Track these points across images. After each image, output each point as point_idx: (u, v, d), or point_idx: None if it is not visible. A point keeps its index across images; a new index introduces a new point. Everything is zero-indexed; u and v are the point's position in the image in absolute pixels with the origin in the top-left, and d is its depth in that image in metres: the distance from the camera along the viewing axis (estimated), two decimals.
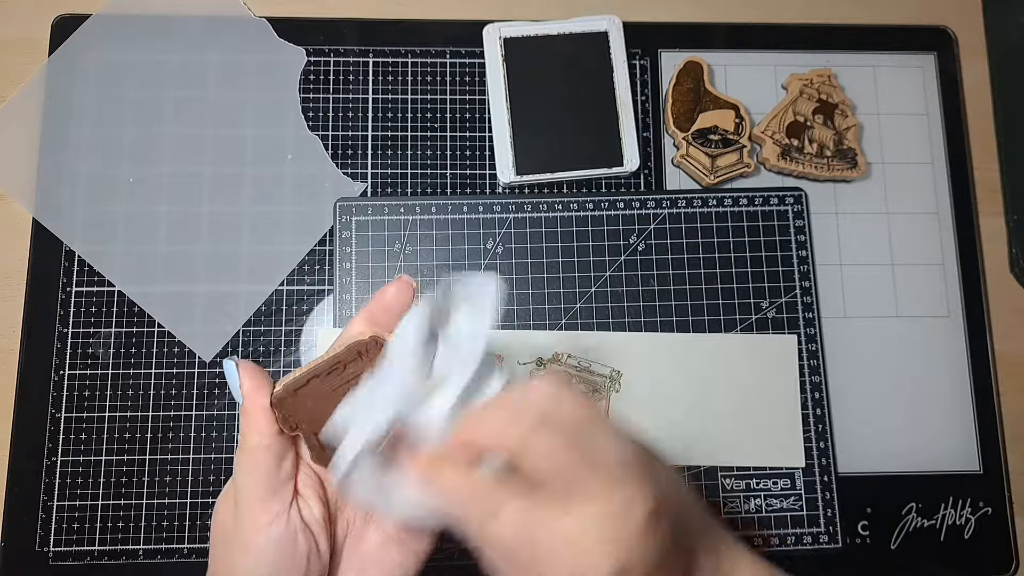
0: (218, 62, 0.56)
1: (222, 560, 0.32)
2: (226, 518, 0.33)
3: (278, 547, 0.31)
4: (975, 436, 0.54)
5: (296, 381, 0.32)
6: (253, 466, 0.32)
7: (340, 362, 0.33)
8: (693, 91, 0.57)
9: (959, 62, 0.60)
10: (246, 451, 0.32)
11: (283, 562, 0.31)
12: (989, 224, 0.58)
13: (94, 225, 0.53)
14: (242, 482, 0.32)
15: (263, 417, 0.32)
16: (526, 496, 0.28)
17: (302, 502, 0.33)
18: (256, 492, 0.31)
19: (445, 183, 0.56)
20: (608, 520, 0.27)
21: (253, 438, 0.31)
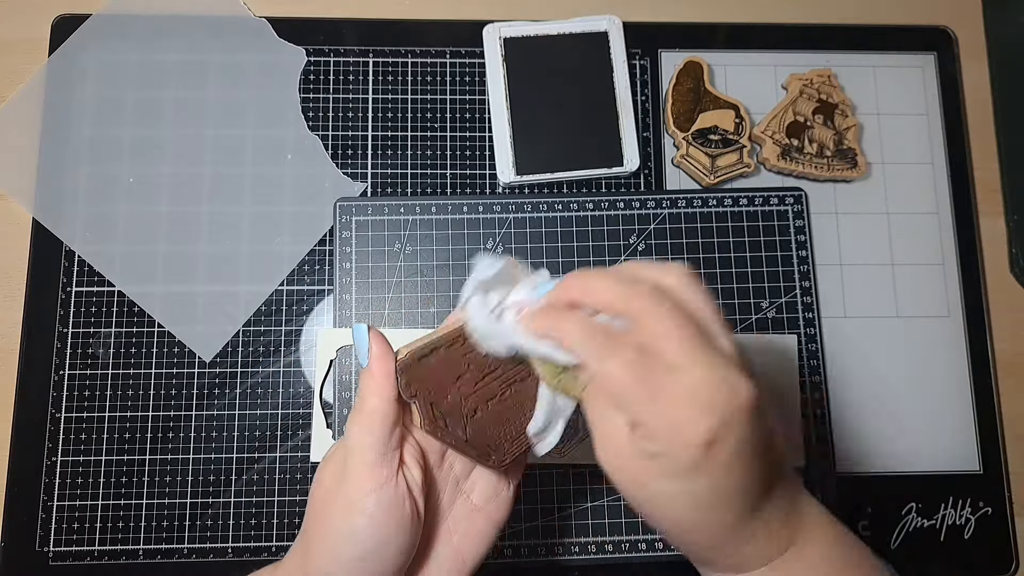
0: (218, 62, 0.56)
1: (323, 522, 0.33)
2: (331, 481, 0.33)
3: (386, 510, 0.32)
4: (975, 436, 0.54)
5: (420, 350, 0.33)
6: (369, 429, 0.32)
7: (460, 336, 0.33)
8: (693, 91, 0.57)
9: (959, 62, 0.60)
10: (364, 413, 0.32)
11: (389, 525, 0.32)
12: (989, 224, 0.58)
13: (94, 225, 0.53)
14: (357, 444, 0.32)
15: (387, 382, 0.32)
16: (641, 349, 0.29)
17: (406, 468, 0.33)
18: (368, 455, 0.32)
19: (445, 183, 0.56)
20: (716, 390, 0.28)
21: (373, 401, 0.32)
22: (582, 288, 0.31)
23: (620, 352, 0.29)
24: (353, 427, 0.33)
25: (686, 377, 0.28)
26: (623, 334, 0.30)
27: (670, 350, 0.29)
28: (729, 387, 0.28)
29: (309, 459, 0.51)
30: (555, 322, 0.31)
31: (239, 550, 0.50)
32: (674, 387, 0.28)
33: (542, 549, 0.50)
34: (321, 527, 0.33)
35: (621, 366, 0.29)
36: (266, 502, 0.50)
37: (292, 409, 0.52)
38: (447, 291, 0.53)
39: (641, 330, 0.30)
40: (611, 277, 0.31)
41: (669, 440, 0.28)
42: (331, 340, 0.52)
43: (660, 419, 0.28)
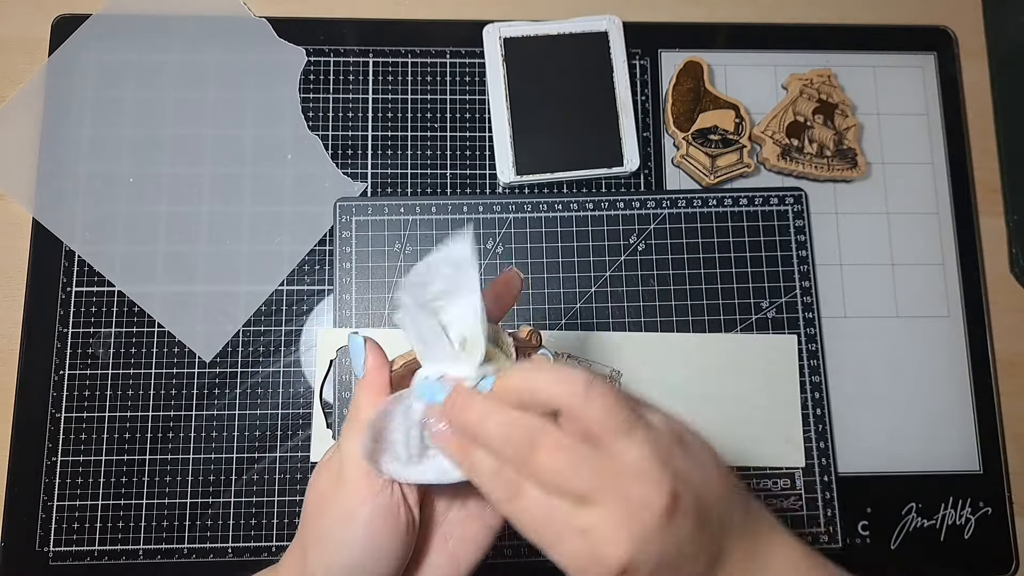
0: (218, 62, 0.56)
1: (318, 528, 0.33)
2: (327, 488, 0.33)
3: (382, 519, 0.32)
4: (975, 436, 0.54)
5: (414, 361, 0.33)
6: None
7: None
8: (693, 91, 0.57)
9: (959, 62, 0.60)
10: (359, 423, 0.32)
11: (384, 533, 0.32)
12: (989, 224, 0.58)
13: (94, 225, 0.53)
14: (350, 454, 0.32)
15: (382, 393, 0.33)
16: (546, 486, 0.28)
17: None
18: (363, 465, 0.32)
19: (445, 183, 0.56)
20: (621, 518, 0.27)
21: (369, 411, 0.32)
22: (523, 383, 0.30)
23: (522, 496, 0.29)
24: (349, 437, 0.33)
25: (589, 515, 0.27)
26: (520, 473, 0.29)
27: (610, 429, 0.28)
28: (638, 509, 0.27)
29: (309, 459, 0.51)
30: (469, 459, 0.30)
31: (239, 550, 0.50)
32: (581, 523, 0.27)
33: None
34: (316, 534, 0.33)
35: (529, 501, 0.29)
36: (266, 502, 0.50)
37: (292, 409, 0.52)
38: None
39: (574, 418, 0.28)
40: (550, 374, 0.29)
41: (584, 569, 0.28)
42: (331, 340, 0.52)
43: (573, 552, 0.28)
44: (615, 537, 0.27)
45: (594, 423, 0.28)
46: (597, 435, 0.28)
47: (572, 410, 0.28)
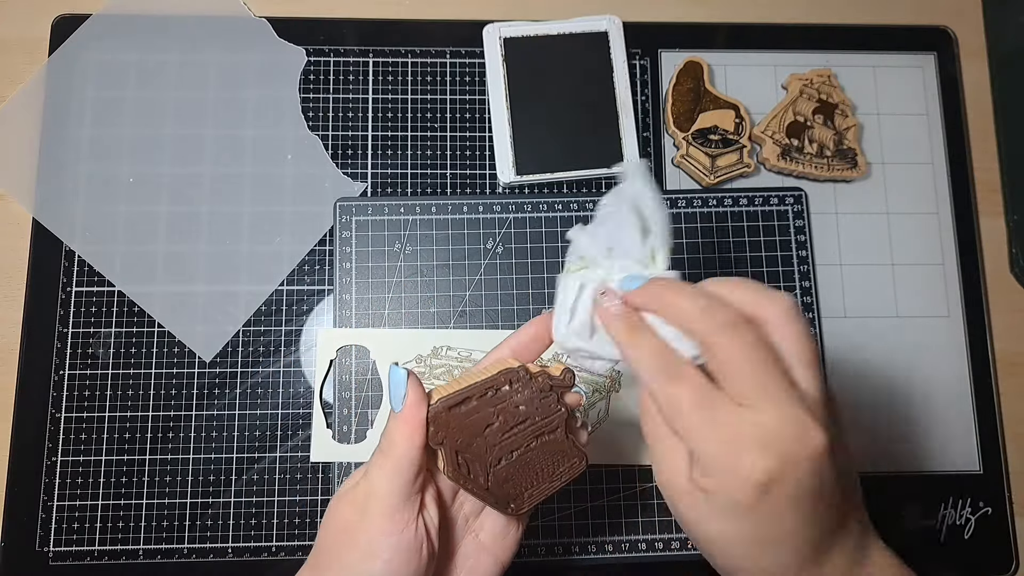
0: (218, 62, 0.56)
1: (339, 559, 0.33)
2: (350, 519, 0.33)
3: (404, 556, 0.32)
4: (975, 436, 0.54)
5: (453, 398, 0.33)
6: (396, 473, 0.32)
7: (492, 386, 0.34)
8: (693, 91, 0.57)
9: (959, 62, 0.60)
10: (393, 458, 0.32)
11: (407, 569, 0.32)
12: (989, 224, 0.58)
13: (94, 225, 0.53)
14: (381, 488, 0.32)
15: (418, 431, 0.32)
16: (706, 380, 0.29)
17: (425, 511, 0.34)
18: (393, 500, 0.32)
19: (445, 183, 0.56)
20: (781, 432, 0.28)
21: (403, 447, 0.32)
22: (660, 302, 0.31)
23: (686, 379, 0.29)
24: (378, 471, 0.33)
25: (752, 415, 0.28)
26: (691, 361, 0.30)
27: (742, 386, 0.28)
28: (797, 431, 0.28)
29: (309, 459, 0.51)
30: (624, 335, 0.31)
31: (239, 550, 0.50)
32: (737, 423, 0.28)
33: (542, 549, 0.50)
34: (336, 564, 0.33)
35: (685, 393, 0.29)
36: (266, 502, 0.50)
37: (292, 409, 0.52)
38: (447, 291, 0.53)
39: (713, 359, 0.29)
40: (695, 298, 0.30)
41: (724, 477, 0.28)
42: (331, 340, 0.52)
43: (717, 454, 0.28)
44: (767, 449, 0.27)
45: (785, 347, 0.29)
46: (784, 358, 0.29)
47: (767, 326, 0.29)
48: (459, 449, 0.33)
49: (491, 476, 0.34)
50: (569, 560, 0.50)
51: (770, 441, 0.27)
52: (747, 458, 0.27)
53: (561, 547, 0.50)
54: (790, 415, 0.28)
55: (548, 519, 0.50)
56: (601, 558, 0.50)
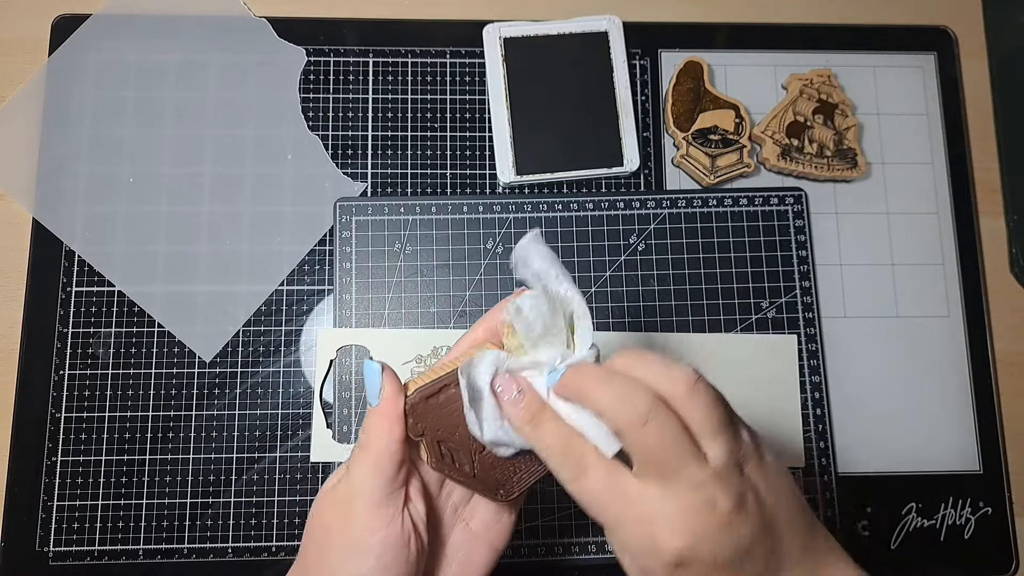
0: (218, 62, 0.56)
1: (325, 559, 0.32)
2: (332, 518, 0.32)
3: (393, 552, 0.31)
4: (975, 436, 0.54)
5: (429, 388, 0.33)
6: (376, 469, 0.32)
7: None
8: (693, 91, 0.57)
9: (959, 62, 0.60)
10: (372, 453, 0.32)
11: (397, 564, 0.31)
12: (989, 224, 0.58)
13: (94, 225, 0.53)
14: (362, 485, 0.32)
15: (397, 424, 0.32)
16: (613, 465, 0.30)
17: (410, 504, 0.33)
18: (375, 496, 0.32)
19: (445, 183, 0.56)
20: (690, 509, 0.28)
21: (382, 441, 0.32)
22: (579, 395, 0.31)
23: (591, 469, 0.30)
24: (359, 467, 0.32)
25: (660, 496, 0.29)
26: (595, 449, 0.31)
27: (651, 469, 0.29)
28: (704, 504, 0.28)
29: (309, 459, 0.51)
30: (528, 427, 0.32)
31: (239, 550, 0.50)
32: (646, 506, 0.29)
33: (542, 549, 0.50)
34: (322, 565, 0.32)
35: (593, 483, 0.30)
36: (266, 502, 0.50)
37: (292, 409, 0.52)
38: (447, 291, 0.53)
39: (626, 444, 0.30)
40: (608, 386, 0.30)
41: (641, 558, 0.29)
42: (331, 340, 0.52)
43: (631, 536, 0.29)
44: (676, 528, 0.28)
45: (692, 420, 0.29)
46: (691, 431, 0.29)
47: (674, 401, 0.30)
48: (441, 439, 0.33)
49: (477, 463, 0.33)
50: (569, 560, 0.50)
51: (679, 520, 0.28)
52: (659, 540, 0.28)
53: (561, 547, 0.50)
54: (696, 491, 0.28)
55: (548, 519, 0.50)
56: (601, 558, 0.50)
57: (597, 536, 0.50)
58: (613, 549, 0.31)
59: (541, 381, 0.33)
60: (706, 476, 0.29)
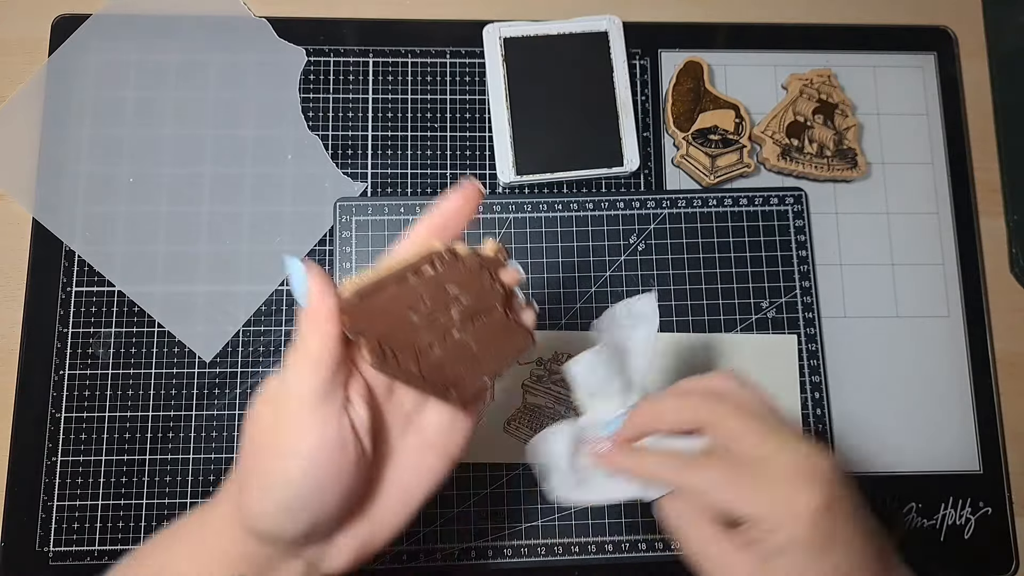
0: (218, 62, 0.56)
1: (260, 463, 0.31)
2: (267, 421, 0.31)
3: (328, 454, 0.30)
4: (975, 436, 0.54)
5: (366, 288, 0.31)
6: (310, 371, 0.30)
7: (413, 270, 0.31)
8: (693, 91, 0.57)
9: (959, 62, 0.60)
10: (305, 355, 0.30)
11: (332, 468, 0.30)
12: (989, 224, 0.58)
13: (94, 225, 0.53)
14: (296, 387, 0.30)
15: (329, 322, 0.30)
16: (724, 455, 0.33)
17: (351, 408, 0.31)
18: (309, 397, 0.30)
19: (445, 183, 0.56)
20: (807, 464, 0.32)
21: (315, 342, 0.30)
22: (652, 415, 0.35)
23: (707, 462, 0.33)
24: (292, 368, 0.31)
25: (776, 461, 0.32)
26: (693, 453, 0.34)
27: (752, 442, 0.32)
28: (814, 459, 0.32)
29: None
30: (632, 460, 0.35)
31: None
32: (768, 473, 0.31)
33: (542, 549, 0.50)
34: (258, 469, 0.31)
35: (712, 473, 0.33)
36: None
37: None
38: None
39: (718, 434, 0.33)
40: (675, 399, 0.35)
41: (779, 520, 0.31)
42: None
43: (765, 504, 0.31)
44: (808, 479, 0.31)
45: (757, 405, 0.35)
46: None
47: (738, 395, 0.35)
48: (382, 338, 0.31)
49: (423, 363, 0.31)
50: (569, 560, 0.50)
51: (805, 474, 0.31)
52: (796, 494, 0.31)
53: (561, 547, 0.50)
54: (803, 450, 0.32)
55: (548, 519, 0.50)
56: (601, 558, 0.50)
57: (597, 536, 0.50)
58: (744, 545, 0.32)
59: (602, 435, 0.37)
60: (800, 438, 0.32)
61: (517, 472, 0.51)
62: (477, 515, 0.50)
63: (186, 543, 0.34)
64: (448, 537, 0.50)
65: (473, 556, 0.49)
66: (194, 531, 0.34)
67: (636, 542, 0.50)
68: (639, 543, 0.50)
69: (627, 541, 0.50)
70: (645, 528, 0.50)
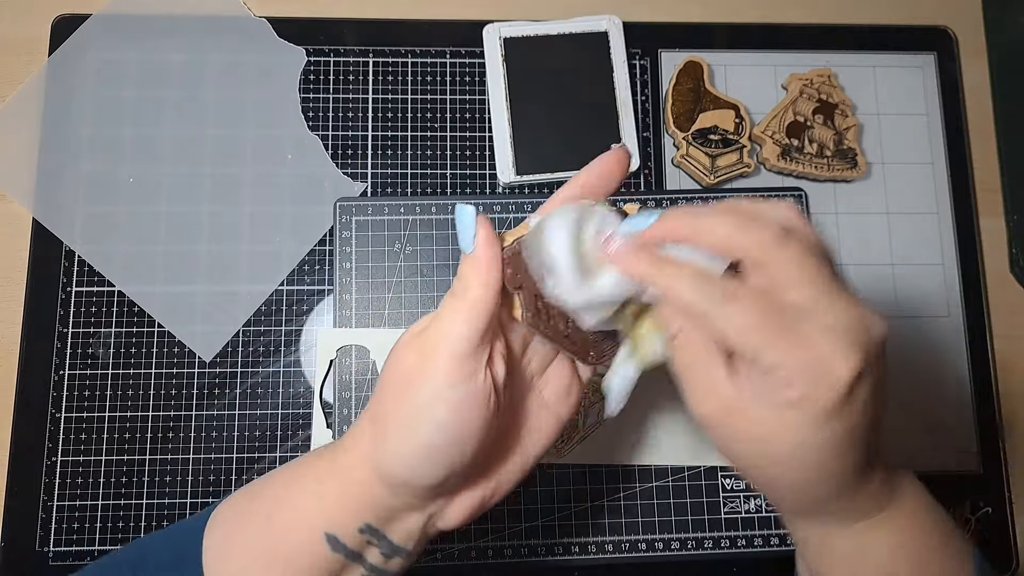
0: (218, 62, 0.56)
1: (403, 404, 0.31)
2: (414, 365, 0.31)
3: (470, 405, 0.30)
4: (975, 436, 0.54)
5: (524, 240, 0.31)
6: (468, 319, 0.30)
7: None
8: (693, 91, 0.57)
9: (959, 62, 0.60)
10: (467, 301, 0.30)
11: (471, 419, 0.30)
12: (989, 224, 0.58)
13: (94, 225, 0.53)
14: (452, 332, 0.30)
15: (495, 269, 0.30)
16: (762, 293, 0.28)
17: (492, 364, 0.31)
18: (462, 345, 0.30)
19: (445, 183, 0.56)
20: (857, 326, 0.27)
21: (478, 289, 0.30)
22: (692, 226, 0.29)
23: (744, 296, 0.27)
24: (451, 314, 0.30)
25: (823, 317, 0.27)
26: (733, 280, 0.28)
27: (803, 291, 0.27)
28: (866, 321, 0.27)
29: None
30: (656, 268, 0.29)
31: None
32: (812, 329, 0.27)
33: (542, 549, 0.50)
34: (400, 409, 0.31)
35: (747, 309, 0.27)
36: None
37: (292, 409, 0.52)
38: (447, 291, 0.53)
39: (764, 272, 0.28)
40: (729, 215, 0.29)
41: (811, 384, 0.27)
42: (331, 340, 0.52)
43: (801, 363, 0.27)
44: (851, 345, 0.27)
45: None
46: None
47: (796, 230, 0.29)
48: (537, 293, 0.31)
49: (571, 323, 0.32)
50: (569, 560, 0.50)
51: (851, 338, 0.27)
52: (836, 358, 0.26)
53: (561, 547, 0.50)
54: (855, 307, 0.27)
55: (548, 519, 0.50)
56: (601, 558, 0.50)
57: (597, 536, 0.50)
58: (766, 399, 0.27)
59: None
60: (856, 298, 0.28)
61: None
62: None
63: (312, 480, 0.33)
64: (448, 537, 0.50)
65: (473, 556, 0.49)
66: (328, 469, 0.33)
67: (636, 542, 0.50)
68: (639, 543, 0.50)
69: (627, 541, 0.50)
70: (645, 528, 0.50)
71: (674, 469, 0.51)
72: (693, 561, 0.50)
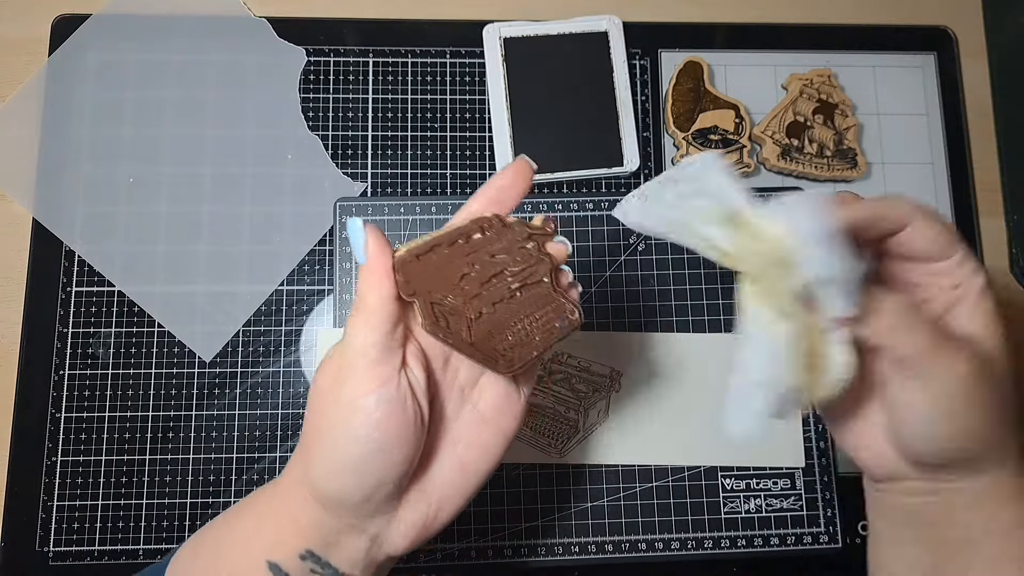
0: (218, 62, 0.56)
1: (323, 425, 0.31)
2: (329, 383, 0.32)
3: (388, 411, 0.30)
4: None
5: (419, 247, 0.32)
6: (369, 327, 0.31)
7: (463, 235, 0.32)
8: (693, 91, 0.57)
9: (959, 62, 0.60)
10: (364, 311, 0.31)
11: (391, 426, 0.30)
12: (989, 224, 0.58)
13: (94, 225, 0.53)
14: (354, 343, 0.31)
15: (386, 279, 0.31)
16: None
17: (408, 369, 0.32)
18: (370, 353, 0.31)
19: (445, 183, 0.56)
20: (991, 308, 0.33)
21: (373, 298, 0.31)
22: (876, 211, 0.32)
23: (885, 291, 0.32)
24: (351, 327, 0.31)
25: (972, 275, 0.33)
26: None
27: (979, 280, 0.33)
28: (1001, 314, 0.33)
29: None
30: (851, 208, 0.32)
31: None
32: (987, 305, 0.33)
33: (542, 549, 0.50)
34: (321, 431, 0.31)
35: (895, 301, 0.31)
36: None
37: (292, 409, 0.52)
38: None
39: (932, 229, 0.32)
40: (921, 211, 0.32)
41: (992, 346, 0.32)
42: (331, 340, 0.52)
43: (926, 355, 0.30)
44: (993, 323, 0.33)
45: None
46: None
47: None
48: (435, 301, 0.32)
49: (473, 329, 0.32)
50: (569, 560, 0.50)
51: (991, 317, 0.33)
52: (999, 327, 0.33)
53: (561, 547, 0.50)
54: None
55: (548, 519, 0.50)
56: (601, 558, 0.50)
57: (597, 536, 0.50)
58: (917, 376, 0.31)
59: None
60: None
61: (518, 472, 0.51)
62: (477, 515, 0.50)
63: (257, 510, 0.34)
64: (448, 537, 0.50)
65: (473, 556, 0.49)
66: (267, 498, 0.34)
67: (636, 542, 0.50)
68: (639, 543, 0.50)
69: (627, 541, 0.50)
70: (645, 528, 0.50)
71: (674, 469, 0.51)
72: (693, 561, 0.50)
